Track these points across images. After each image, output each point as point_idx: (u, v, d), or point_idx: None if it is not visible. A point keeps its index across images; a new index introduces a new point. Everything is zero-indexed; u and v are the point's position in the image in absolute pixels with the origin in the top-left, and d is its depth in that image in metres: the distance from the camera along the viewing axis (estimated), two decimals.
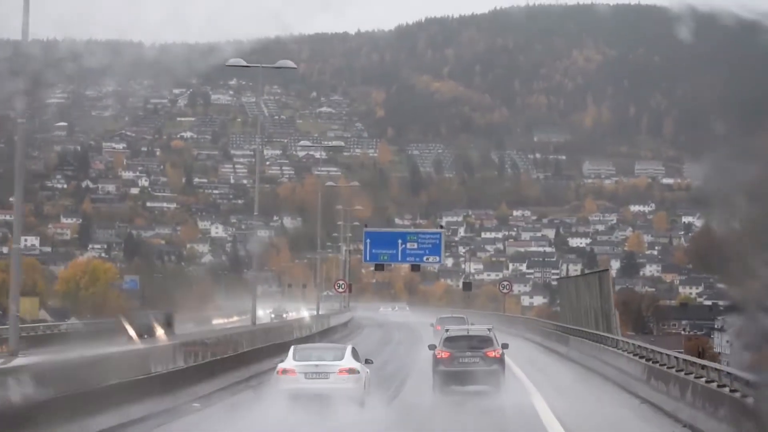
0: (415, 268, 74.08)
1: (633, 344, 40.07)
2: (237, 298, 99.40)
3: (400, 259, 70.11)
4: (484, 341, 36.32)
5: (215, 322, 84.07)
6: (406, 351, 62.38)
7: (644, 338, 75.76)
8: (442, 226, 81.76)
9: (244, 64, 67.11)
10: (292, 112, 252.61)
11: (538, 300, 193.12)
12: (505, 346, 36.95)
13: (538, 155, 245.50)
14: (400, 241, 68.64)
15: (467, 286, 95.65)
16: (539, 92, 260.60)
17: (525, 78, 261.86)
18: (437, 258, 70.68)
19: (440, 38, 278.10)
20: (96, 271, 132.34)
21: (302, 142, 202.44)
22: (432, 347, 37.15)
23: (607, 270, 55.14)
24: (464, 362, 35.55)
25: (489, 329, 37.88)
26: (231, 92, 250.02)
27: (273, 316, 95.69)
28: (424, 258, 69.38)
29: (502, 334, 67.55)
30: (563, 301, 71.83)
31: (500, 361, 35.81)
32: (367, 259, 70.60)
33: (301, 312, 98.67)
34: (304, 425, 27.77)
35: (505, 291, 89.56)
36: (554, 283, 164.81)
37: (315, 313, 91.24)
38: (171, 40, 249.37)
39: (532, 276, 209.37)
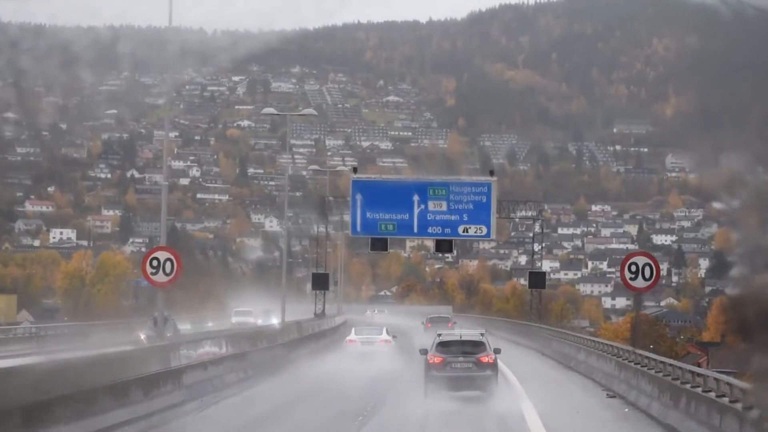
0: (442, 245, 47.21)
1: None
2: (270, 298, 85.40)
3: (416, 230, 44.81)
4: (477, 346, 35.37)
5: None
6: None
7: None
8: (492, 172, 49.41)
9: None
10: (357, 101, 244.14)
11: (621, 302, 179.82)
12: (497, 351, 35.81)
13: (618, 147, 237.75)
14: (416, 198, 41.66)
15: (537, 279, 63.76)
16: (619, 81, 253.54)
17: (604, 66, 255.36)
18: (484, 228, 43.62)
19: (515, 25, 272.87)
20: (104, 266, 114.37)
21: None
22: (423, 352, 36.07)
23: None
24: (457, 368, 34.69)
25: (482, 334, 36.70)
26: (293, 80, 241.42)
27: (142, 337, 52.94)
28: (460, 229, 42.93)
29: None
30: None
31: (493, 366, 35.03)
32: (357, 230, 46.25)
33: (271, 319, 74.44)
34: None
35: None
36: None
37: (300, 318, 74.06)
38: (233, 27, 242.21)
39: (613, 275, 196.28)
